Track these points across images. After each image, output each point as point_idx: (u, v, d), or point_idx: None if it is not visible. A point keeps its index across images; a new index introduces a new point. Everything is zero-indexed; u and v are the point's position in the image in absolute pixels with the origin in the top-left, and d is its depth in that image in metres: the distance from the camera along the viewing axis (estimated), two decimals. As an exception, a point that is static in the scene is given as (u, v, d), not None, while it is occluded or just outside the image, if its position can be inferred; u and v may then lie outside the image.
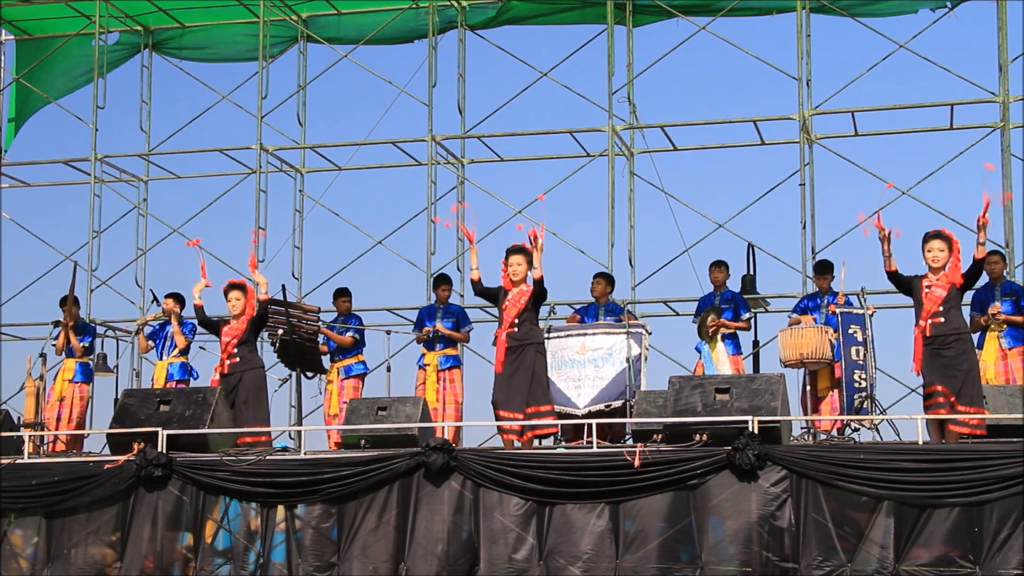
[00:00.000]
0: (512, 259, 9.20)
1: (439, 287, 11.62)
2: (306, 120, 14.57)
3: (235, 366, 9.91)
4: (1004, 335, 10.11)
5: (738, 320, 10.87)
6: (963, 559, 7.69)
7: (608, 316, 11.05)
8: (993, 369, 10.01)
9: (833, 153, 12.68)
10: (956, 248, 8.57)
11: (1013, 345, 10.10)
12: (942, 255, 8.54)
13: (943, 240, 8.57)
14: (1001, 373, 10.05)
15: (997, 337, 10.09)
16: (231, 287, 10.16)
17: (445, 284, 11.65)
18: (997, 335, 10.08)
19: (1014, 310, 10.12)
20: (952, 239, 8.58)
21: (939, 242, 8.56)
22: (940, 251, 8.54)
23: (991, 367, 9.99)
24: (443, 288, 11.60)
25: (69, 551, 9.14)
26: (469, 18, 14.16)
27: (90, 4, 14.25)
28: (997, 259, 10.45)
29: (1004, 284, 10.39)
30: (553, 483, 8.41)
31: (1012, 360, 10.07)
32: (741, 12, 13.47)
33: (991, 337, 10.10)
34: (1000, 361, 10.10)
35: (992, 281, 10.29)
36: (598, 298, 11.22)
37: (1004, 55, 12.32)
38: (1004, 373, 10.05)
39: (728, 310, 10.85)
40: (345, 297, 11.88)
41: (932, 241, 8.58)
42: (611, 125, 12.95)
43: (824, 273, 10.76)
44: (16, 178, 15.23)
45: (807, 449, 8.29)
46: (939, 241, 8.56)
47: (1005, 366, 10.09)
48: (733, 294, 11.08)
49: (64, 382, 11.74)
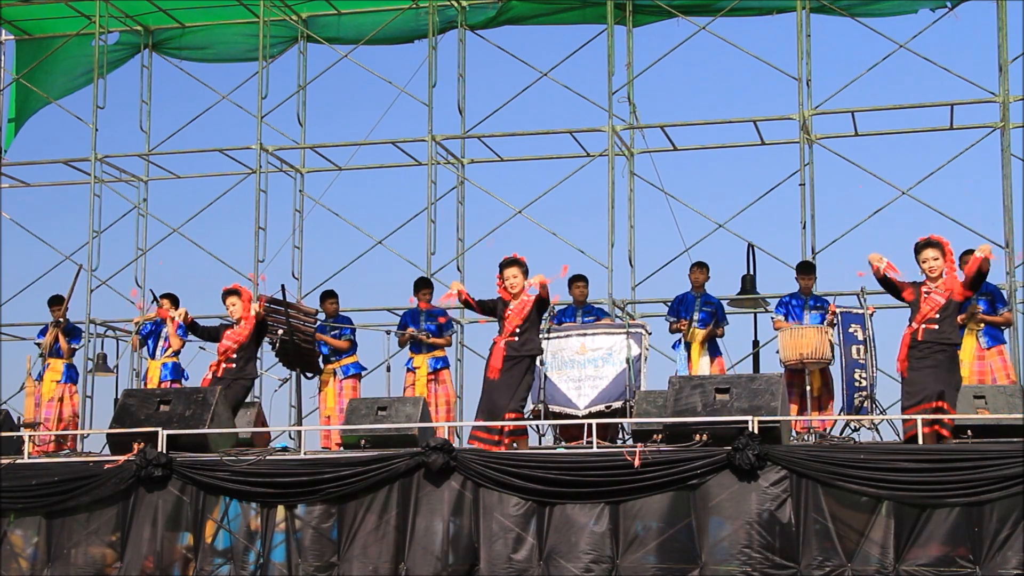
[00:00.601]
0: (507, 272, 9.18)
1: (419, 291, 11.61)
2: (306, 120, 14.58)
3: (229, 372, 9.95)
4: (982, 334, 10.11)
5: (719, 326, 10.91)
6: (963, 559, 7.68)
7: (586, 318, 11.07)
8: (968, 368, 9.93)
9: (833, 153, 12.69)
10: (949, 253, 8.56)
11: (991, 345, 10.12)
12: (937, 263, 8.53)
13: (935, 248, 8.55)
14: (976, 372, 10.03)
15: (976, 336, 10.07)
16: (226, 294, 10.17)
17: (425, 288, 11.65)
18: (976, 334, 10.05)
19: (989, 309, 10.16)
20: (944, 245, 8.55)
21: (931, 250, 8.55)
22: (935, 260, 8.54)
23: (966, 366, 9.88)
24: (424, 292, 11.59)
25: (69, 551, 9.13)
26: (469, 18, 14.16)
27: (90, 4, 14.25)
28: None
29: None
30: (553, 483, 8.41)
31: (991, 359, 10.08)
32: (741, 12, 13.47)
33: (969, 336, 10.03)
34: (977, 360, 10.10)
35: None
36: (580, 302, 11.24)
37: (1004, 55, 12.32)
38: (979, 372, 10.04)
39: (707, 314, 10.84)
40: (332, 299, 11.89)
41: (925, 251, 8.57)
42: (611, 125, 12.95)
43: (807, 273, 10.79)
44: (16, 178, 15.24)
45: (807, 449, 8.29)
46: (931, 249, 8.55)
47: (981, 365, 10.09)
48: (714, 299, 11.04)
49: (52, 383, 11.78)
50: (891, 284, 8.66)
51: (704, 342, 10.72)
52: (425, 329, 11.30)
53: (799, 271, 10.94)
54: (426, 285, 11.73)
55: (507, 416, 8.96)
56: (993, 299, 10.30)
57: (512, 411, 8.99)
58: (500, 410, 8.97)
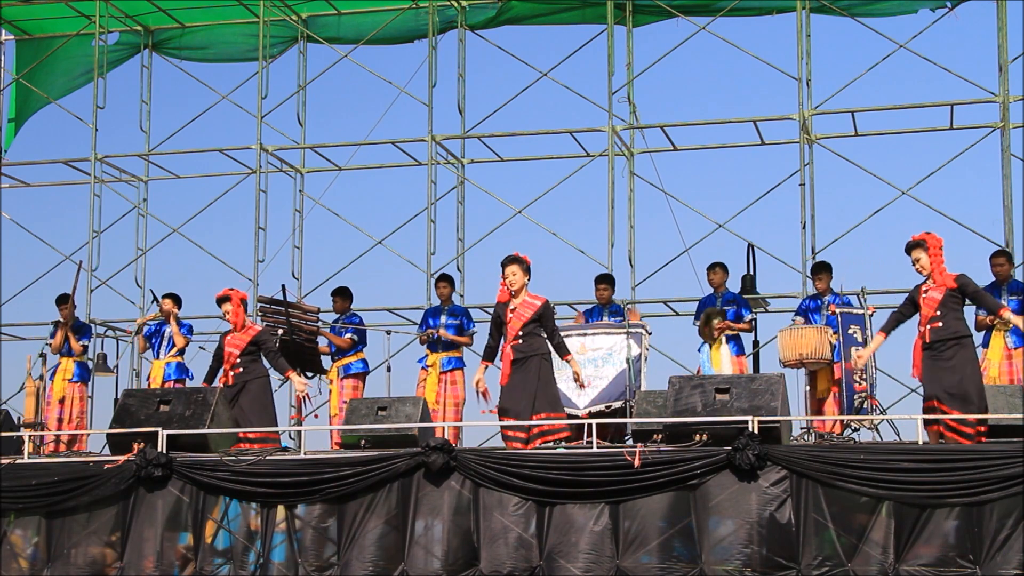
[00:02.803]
0: (507, 270, 9.16)
1: (438, 285, 11.61)
2: (306, 120, 14.57)
3: (239, 376, 9.90)
4: (1010, 334, 10.09)
5: (740, 321, 10.88)
6: (963, 559, 7.69)
7: (612, 318, 11.07)
8: (997, 368, 9.99)
9: (833, 153, 12.68)
10: (933, 246, 8.57)
11: (1019, 344, 10.09)
12: (924, 262, 8.58)
13: (919, 247, 8.60)
14: (1005, 372, 10.04)
15: (1003, 336, 10.08)
16: (219, 302, 10.15)
17: (444, 281, 11.63)
18: (1003, 334, 10.06)
19: (1020, 308, 10.12)
20: (927, 240, 8.59)
21: (916, 251, 8.62)
22: (921, 259, 8.59)
23: (995, 366, 9.97)
24: (442, 286, 11.57)
25: (69, 551, 9.14)
26: (469, 18, 14.16)
27: (90, 4, 14.24)
28: (1003, 260, 10.47)
29: (1011, 283, 10.40)
30: (553, 483, 8.41)
31: (1017, 359, 10.06)
32: (741, 12, 13.46)
33: (996, 336, 10.08)
34: (1005, 360, 10.09)
35: (999, 281, 10.30)
36: (604, 303, 11.25)
37: (1004, 55, 12.32)
38: (1009, 372, 10.05)
39: (730, 311, 10.86)
40: (337, 297, 11.82)
41: (912, 253, 8.64)
42: (611, 125, 12.95)
43: (818, 274, 10.80)
44: (16, 178, 15.23)
45: (807, 449, 8.29)
46: (916, 250, 8.62)
47: (1010, 365, 10.08)
48: (735, 295, 11.09)
49: (64, 382, 11.77)
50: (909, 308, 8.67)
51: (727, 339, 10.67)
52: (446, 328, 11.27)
53: (811, 273, 10.97)
54: (443, 278, 11.71)
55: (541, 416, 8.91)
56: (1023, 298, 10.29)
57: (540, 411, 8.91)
58: (514, 412, 8.93)
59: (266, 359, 10.10)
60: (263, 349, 10.02)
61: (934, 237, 8.60)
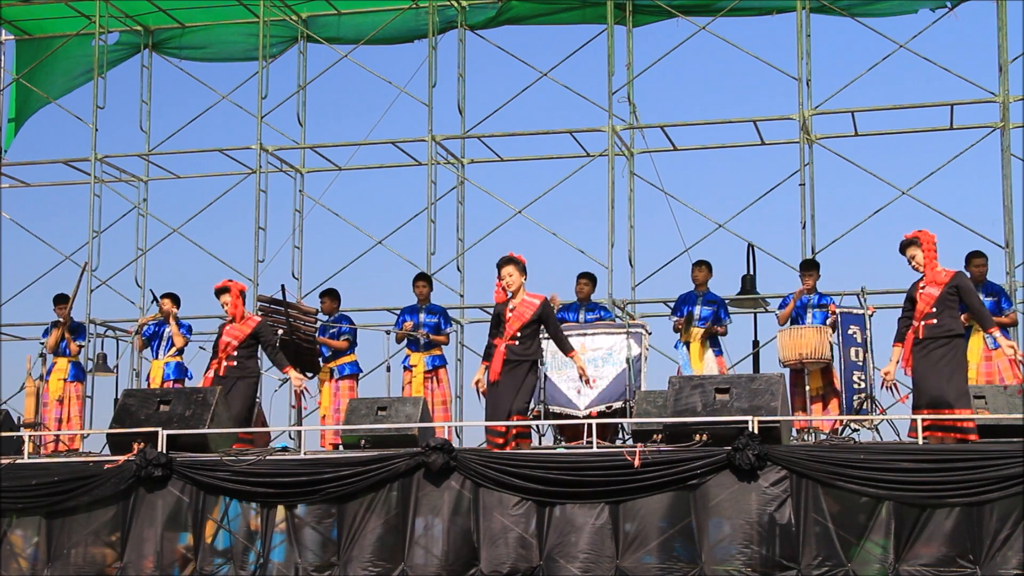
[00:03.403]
0: (503, 271, 9.15)
1: (417, 284, 11.57)
2: (306, 120, 14.58)
3: (231, 370, 9.90)
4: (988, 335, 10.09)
5: (720, 324, 10.89)
6: (963, 559, 7.69)
7: (588, 314, 11.06)
8: (975, 369, 9.92)
9: (833, 153, 12.69)
10: (926, 243, 8.59)
11: (998, 345, 10.07)
12: (918, 259, 8.61)
13: (912, 245, 8.63)
14: (984, 373, 10.02)
15: (982, 337, 10.03)
16: (218, 293, 10.14)
17: (423, 280, 11.61)
18: (982, 335, 9.99)
19: (995, 309, 10.14)
20: (919, 238, 8.61)
21: (910, 249, 8.65)
22: (915, 257, 8.61)
23: (973, 367, 9.86)
24: (421, 285, 11.55)
25: (69, 551, 9.13)
26: (469, 18, 14.16)
27: (90, 4, 14.24)
28: (981, 261, 10.49)
29: (986, 284, 10.42)
30: (553, 483, 8.41)
31: (998, 360, 10.03)
32: (741, 12, 13.47)
33: (976, 337, 10.00)
34: (984, 361, 10.08)
35: (975, 280, 10.25)
36: (583, 299, 11.23)
37: (1004, 55, 12.32)
38: (987, 373, 10.03)
39: (709, 310, 10.84)
40: (326, 297, 11.81)
41: (906, 252, 8.67)
42: (611, 125, 12.95)
43: (806, 271, 10.79)
44: (16, 178, 15.24)
45: (807, 449, 8.29)
46: (910, 248, 8.65)
47: (989, 366, 10.07)
48: (716, 297, 11.05)
49: (60, 382, 11.78)
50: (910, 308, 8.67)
51: (705, 340, 10.72)
52: (423, 327, 11.26)
53: (800, 269, 10.95)
54: (422, 277, 11.70)
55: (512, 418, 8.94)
56: (999, 298, 10.28)
57: (516, 413, 8.95)
58: (502, 412, 8.95)
59: (265, 353, 10.08)
60: (262, 342, 10.02)
61: (927, 234, 8.62)
